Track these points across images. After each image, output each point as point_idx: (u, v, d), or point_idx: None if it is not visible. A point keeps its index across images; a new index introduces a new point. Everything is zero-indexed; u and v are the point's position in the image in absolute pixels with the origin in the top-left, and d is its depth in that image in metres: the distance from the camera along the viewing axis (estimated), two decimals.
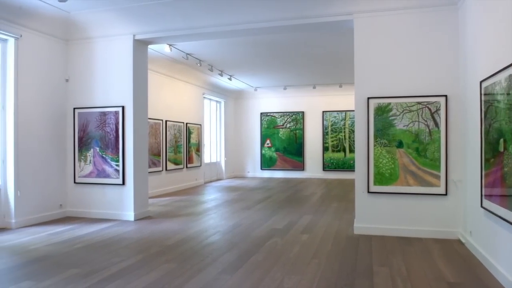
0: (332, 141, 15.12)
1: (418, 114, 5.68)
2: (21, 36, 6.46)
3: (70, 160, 7.42)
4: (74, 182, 7.39)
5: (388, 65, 5.82)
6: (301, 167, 15.42)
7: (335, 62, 10.53)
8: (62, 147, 7.37)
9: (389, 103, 5.78)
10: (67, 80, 7.42)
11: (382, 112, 5.80)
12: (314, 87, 14.18)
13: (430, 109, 5.64)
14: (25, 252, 5.00)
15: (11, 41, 6.40)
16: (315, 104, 15.30)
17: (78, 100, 7.38)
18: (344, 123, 14.98)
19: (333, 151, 15.11)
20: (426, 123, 5.66)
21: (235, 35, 7.08)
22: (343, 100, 14.77)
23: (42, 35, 6.88)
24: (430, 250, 5.01)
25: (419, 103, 5.68)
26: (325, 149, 15.17)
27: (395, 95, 5.77)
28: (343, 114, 14.99)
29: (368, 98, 5.85)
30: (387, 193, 5.78)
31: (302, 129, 15.44)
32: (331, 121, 15.13)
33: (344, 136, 14.99)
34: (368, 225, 5.86)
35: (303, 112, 15.45)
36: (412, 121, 5.71)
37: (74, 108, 7.36)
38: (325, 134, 15.20)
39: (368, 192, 5.85)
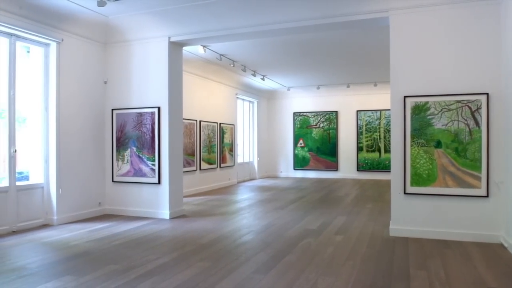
0: (367, 141, 14.86)
1: (457, 113, 5.49)
2: (62, 40, 6.73)
3: (109, 160, 7.65)
4: (112, 181, 7.62)
5: (425, 62, 5.66)
6: (334, 167, 15.25)
7: (370, 61, 10.35)
8: (101, 147, 7.61)
9: (427, 102, 5.62)
10: (105, 82, 7.66)
11: (419, 111, 5.65)
12: (348, 86, 13.98)
13: (470, 108, 5.44)
14: (66, 248, 5.20)
15: (53, 45, 6.67)
16: (349, 104, 15.08)
17: (116, 101, 7.60)
18: (379, 122, 14.69)
19: (367, 151, 14.84)
20: (466, 122, 5.46)
21: (268, 35, 7.08)
22: (378, 99, 14.49)
23: (82, 39, 7.13)
24: (470, 254, 4.84)
25: (458, 101, 5.49)
26: (359, 149, 14.92)
27: (433, 93, 5.60)
28: (378, 113, 14.70)
29: (405, 97, 5.71)
30: (425, 195, 5.62)
31: (336, 129, 15.25)
32: (366, 121, 14.87)
33: (379, 136, 14.70)
34: (405, 227, 5.71)
35: (336, 111, 15.26)
36: (451, 120, 5.52)
37: (112, 109, 7.59)
38: (359, 133, 14.95)
39: (405, 193, 5.71)
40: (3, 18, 5.77)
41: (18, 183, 6.26)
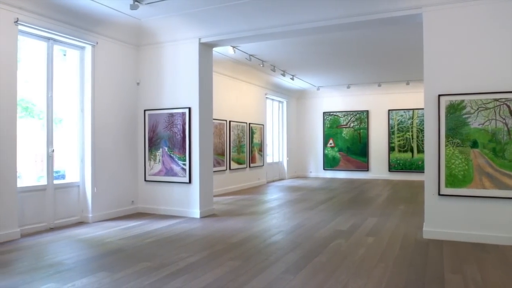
0: (399, 141, 14.55)
1: (495, 111, 5.30)
2: (97, 43, 6.93)
3: (141, 159, 7.82)
4: (145, 180, 7.78)
5: (460, 60, 5.48)
6: (365, 167, 15.01)
7: (402, 59, 10.13)
8: (134, 147, 7.79)
9: (462, 100, 5.45)
10: (138, 84, 7.83)
11: (454, 110, 5.48)
12: (379, 85, 13.74)
13: (508, 106, 5.23)
14: (101, 244, 5.35)
15: (88, 48, 6.88)
16: (380, 103, 14.81)
17: (148, 102, 7.76)
18: (412, 122, 14.35)
19: (399, 151, 14.53)
20: (504, 121, 5.26)
21: (298, 34, 7.05)
22: (410, 98, 14.17)
23: (115, 42, 7.32)
24: (508, 258, 4.65)
25: (496, 99, 5.29)
26: (391, 149, 14.63)
27: (469, 91, 5.42)
28: (411, 112, 14.36)
29: (439, 96, 5.55)
30: (460, 196, 5.45)
31: (367, 129, 15.01)
32: (398, 120, 14.56)
33: (412, 135, 14.36)
34: (439, 229, 5.56)
35: (367, 111, 15.02)
36: (488, 119, 5.33)
37: (145, 110, 7.75)
38: (391, 133, 14.66)
39: (439, 194, 5.55)
40: (41, 23, 6.00)
41: (55, 182, 6.49)
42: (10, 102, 5.61)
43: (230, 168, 11.19)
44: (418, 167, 13.92)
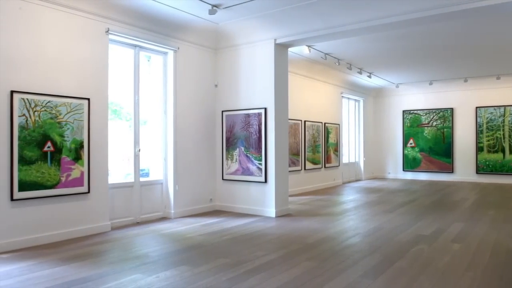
0: (488, 141, 13.45)
1: None
2: (178, 48, 7.28)
3: (219, 159, 8.08)
4: (222, 179, 8.03)
5: None
6: (449, 169, 14.09)
7: (492, 52, 9.36)
8: (212, 147, 8.08)
9: None
10: (216, 86, 8.10)
11: None
12: (465, 81, 12.82)
13: None
14: (182, 239, 5.62)
15: (170, 54, 7.26)
16: (466, 100, 13.81)
17: (225, 104, 8.00)
18: (503, 120, 13.19)
19: (488, 151, 13.43)
20: None
21: (375, 30, 6.82)
22: (501, 93, 13.05)
23: (195, 46, 7.64)
24: None
25: None
26: (479, 149, 13.58)
27: None
28: (502, 109, 13.21)
29: None
30: None
31: (451, 127, 14.08)
32: (487, 118, 13.47)
33: (503, 134, 13.20)
34: None
35: (452, 108, 14.08)
36: None
37: (222, 111, 8.00)
38: (479, 132, 13.60)
39: None
40: (129, 31, 6.45)
41: (141, 179, 6.94)
42: (102, 106, 6.11)
43: (305, 168, 11.14)
44: (511, 169, 12.77)
